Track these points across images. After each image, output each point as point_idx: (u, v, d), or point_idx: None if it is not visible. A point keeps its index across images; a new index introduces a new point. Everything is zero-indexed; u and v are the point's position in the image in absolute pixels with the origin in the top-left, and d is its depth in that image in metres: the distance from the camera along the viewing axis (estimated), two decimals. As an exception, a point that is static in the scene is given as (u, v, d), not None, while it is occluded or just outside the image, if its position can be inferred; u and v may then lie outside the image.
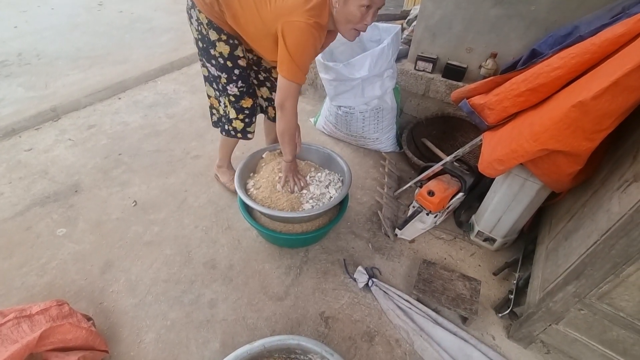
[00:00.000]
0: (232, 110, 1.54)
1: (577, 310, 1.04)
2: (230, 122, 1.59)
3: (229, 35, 1.36)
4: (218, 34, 1.34)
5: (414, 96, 2.26)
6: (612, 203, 0.98)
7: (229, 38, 1.36)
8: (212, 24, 1.32)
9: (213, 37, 1.35)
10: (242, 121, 1.58)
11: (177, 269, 1.53)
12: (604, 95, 0.90)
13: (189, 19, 1.39)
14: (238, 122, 1.58)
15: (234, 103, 1.52)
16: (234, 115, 1.56)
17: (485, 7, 1.79)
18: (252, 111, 1.58)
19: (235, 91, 1.48)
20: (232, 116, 1.56)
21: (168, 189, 1.95)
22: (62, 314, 1.12)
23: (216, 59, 1.41)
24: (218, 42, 1.36)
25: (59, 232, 1.68)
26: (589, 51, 1.01)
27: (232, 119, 1.57)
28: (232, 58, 1.40)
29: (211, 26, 1.32)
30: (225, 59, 1.40)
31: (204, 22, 1.32)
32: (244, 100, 1.52)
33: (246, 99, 1.52)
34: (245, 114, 1.56)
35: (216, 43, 1.36)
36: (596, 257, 0.94)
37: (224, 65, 1.41)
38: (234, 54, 1.40)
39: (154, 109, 2.69)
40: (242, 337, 1.30)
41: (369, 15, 1.17)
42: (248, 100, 1.54)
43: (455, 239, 1.70)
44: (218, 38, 1.35)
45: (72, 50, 3.54)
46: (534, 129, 1.09)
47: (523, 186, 1.36)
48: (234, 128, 1.60)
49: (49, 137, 2.33)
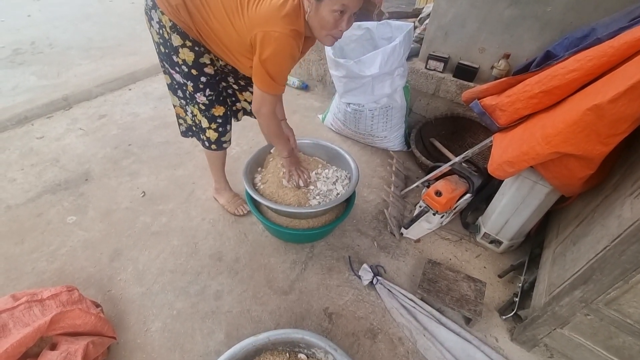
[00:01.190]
0: (204, 120, 1.43)
1: (583, 315, 1.04)
2: (204, 132, 1.48)
3: (195, 42, 1.22)
4: (182, 39, 1.20)
5: (423, 95, 2.25)
6: (624, 209, 0.97)
7: (195, 45, 1.23)
8: (176, 28, 1.17)
9: (176, 43, 1.20)
10: (216, 131, 1.47)
11: (184, 260, 1.55)
12: (621, 99, 0.89)
13: (149, 21, 1.23)
14: (211, 132, 1.47)
15: (204, 112, 1.40)
16: (207, 125, 1.44)
17: (500, 7, 1.77)
18: (225, 119, 1.47)
19: (204, 100, 1.36)
20: (204, 125, 1.45)
21: (176, 181, 1.96)
22: (72, 300, 1.15)
23: (179, 66, 1.27)
24: (182, 48, 1.21)
25: (69, 219, 1.70)
26: (607, 54, 0.99)
27: (205, 129, 1.46)
28: (198, 66, 1.27)
29: (175, 30, 1.18)
30: (190, 67, 1.26)
31: (166, 25, 1.18)
32: (214, 109, 1.41)
33: (217, 107, 1.41)
34: (218, 122, 1.45)
35: (179, 49, 1.22)
36: (605, 262, 0.93)
37: (189, 74, 1.28)
38: (200, 62, 1.27)
39: (164, 100, 2.71)
40: (246, 329, 1.32)
41: (343, 21, 1.09)
42: (219, 108, 1.42)
43: (461, 240, 1.69)
44: (182, 44, 1.21)
45: (84, 40, 3.57)
46: (547, 131, 1.08)
47: (532, 189, 1.35)
48: (208, 139, 1.49)
49: (60, 126, 2.36)
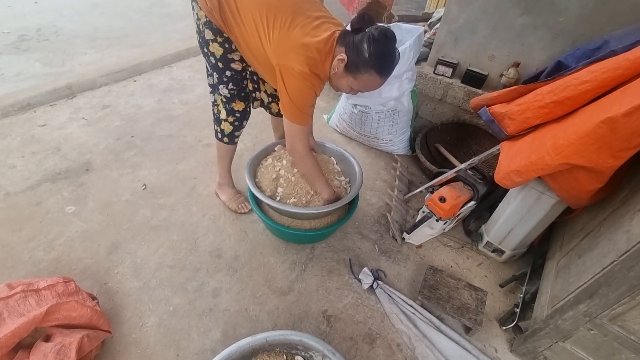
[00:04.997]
0: (224, 111, 1.46)
1: (587, 330, 1.02)
2: (220, 123, 1.50)
3: (227, 39, 1.26)
4: (214, 35, 1.24)
5: (430, 100, 2.23)
6: (632, 224, 0.95)
7: (226, 42, 1.27)
8: (210, 24, 1.22)
9: (208, 37, 1.25)
10: (232, 124, 1.50)
11: (183, 256, 1.53)
12: (635, 113, 0.87)
13: (192, 9, 1.27)
14: (227, 125, 1.49)
15: (225, 104, 1.44)
16: (225, 116, 1.48)
17: (512, 15, 1.75)
18: (243, 115, 1.50)
19: (226, 92, 1.40)
20: (222, 117, 1.48)
21: (178, 175, 1.95)
22: (68, 291, 1.13)
23: (208, 57, 1.32)
24: (212, 42, 1.26)
25: (68, 209, 1.69)
26: (622, 67, 0.98)
27: (222, 120, 1.49)
28: (225, 60, 1.31)
29: (208, 26, 1.22)
30: (217, 60, 1.31)
31: (201, 19, 1.23)
32: (234, 103, 1.44)
33: (237, 101, 1.44)
34: (236, 117, 1.48)
35: (210, 42, 1.26)
36: (612, 277, 0.92)
37: (215, 66, 1.33)
38: (227, 57, 1.30)
39: (168, 94, 2.69)
40: (243, 329, 1.30)
41: (355, 93, 1.24)
42: (239, 104, 1.45)
43: (463, 247, 1.68)
44: (213, 39, 1.25)
45: (90, 30, 3.55)
46: (557, 142, 1.07)
47: (539, 199, 1.34)
48: (222, 130, 1.52)
49: (63, 114, 2.35)
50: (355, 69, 1.12)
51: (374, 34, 1.07)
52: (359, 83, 1.15)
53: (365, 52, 1.08)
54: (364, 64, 1.10)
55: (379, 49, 1.07)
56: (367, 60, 1.08)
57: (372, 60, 1.08)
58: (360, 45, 1.08)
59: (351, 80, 1.15)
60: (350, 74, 1.14)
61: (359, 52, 1.08)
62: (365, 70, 1.11)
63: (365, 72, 1.11)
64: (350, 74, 1.14)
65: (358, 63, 1.10)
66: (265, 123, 2.31)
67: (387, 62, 1.12)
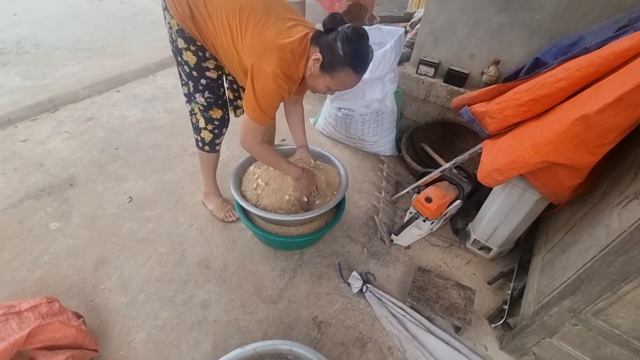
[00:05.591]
0: (202, 119, 1.45)
1: (572, 325, 1.04)
2: (199, 132, 1.49)
3: (200, 48, 1.26)
4: (187, 43, 1.24)
5: (414, 100, 2.25)
6: (612, 219, 0.97)
7: (199, 50, 1.26)
8: (182, 32, 1.21)
9: (181, 45, 1.25)
10: (211, 132, 1.49)
11: (171, 268, 1.51)
12: (608, 110, 0.89)
13: (164, 18, 1.26)
14: (207, 133, 1.49)
15: (203, 112, 1.43)
16: (203, 125, 1.47)
17: (490, 14, 1.77)
18: (221, 123, 1.49)
19: (202, 101, 1.39)
20: (201, 125, 1.47)
21: (164, 186, 1.93)
22: (51, 312, 1.11)
23: (182, 65, 1.32)
24: (185, 50, 1.25)
25: (52, 226, 1.66)
26: (595, 64, 1.00)
27: (202, 128, 1.48)
28: (199, 69, 1.31)
29: (181, 34, 1.22)
30: (191, 68, 1.30)
31: (174, 28, 1.22)
32: (212, 111, 1.43)
33: (214, 109, 1.43)
34: (214, 124, 1.47)
35: (183, 51, 1.26)
36: (594, 273, 0.93)
37: (190, 74, 1.32)
38: (202, 65, 1.30)
39: (153, 103, 2.67)
40: (233, 340, 1.29)
41: (332, 93, 1.24)
42: (217, 111, 1.44)
43: (451, 246, 1.69)
44: (186, 47, 1.25)
45: (72, 41, 3.50)
46: (535, 140, 1.08)
47: (521, 197, 1.35)
48: (202, 139, 1.51)
49: (45, 129, 2.31)
50: (331, 68, 1.12)
51: (347, 33, 1.08)
52: (335, 82, 1.16)
53: (340, 51, 1.08)
54: (339, 62, 1.10)
55: (352, 47, 1.09)
56: (342, 58, 1.09)
57: (347, 58, 1.09)
58: (335, 44, 1.09)
59: (328, 79, 1.16)
60: (326, 73, 1.14)
61: (334, 51, 1.09)
62: (341, 69, 1.11)
63: (341, 70, 1.12)
64: (327, 73, 1.14)
65: (333, 62, 1.11)
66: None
67: (362, 59, 1.13)
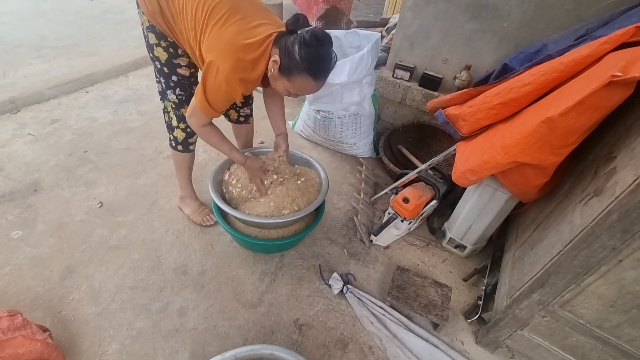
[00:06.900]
0: (175, 118, 1.42)
1: (541, 317, 1.09)
2: (172, 130, 1.46)
3: (172, 44, 1.24)
4: (158, 39, 1.22)
5: (391, 103, 2.29)
6: (574, 215, 1.03)
7: (170, 46, 1.24)
8: (153, 29, 1.20)
9: (152, 41, 1.23)
10: (184, 131, 1.45)
11: (145, 275, 1.46)
12: (570, 113, 0.95)
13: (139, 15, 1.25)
14: (179, 132, 1.45)
15: (175, 110, 1.40)
16: (176, 123, 1.44)
17: (461, 21, 1.84)
18: None
19: (174, 98, 1.36)
20: (174, 124, 1.44)
21: (137, 190, 1.86)
22: (14, 326, 1.04)
23: (154, 61, 1.30)
24: (156, 47, 1.24)
25: (14, 234, 1.56)
26: (557, 70, 1.06)
27: (174, 127, 1.45)
28: (170, 65, 1.29)
29: (152, 30, 1.21)
30: (162, 64, 1.28)
31: (145, 24, 1.21)
32: (184, 109, 1.39)
33: (186, 107, 1.36)
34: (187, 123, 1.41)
35: (154, 47, 1.24)
36: (560, 266, 0.98)
37: (162, 70, 1.30)
38: (173, 62, 1.28)
39: (125, 104, 2.57)
40: (212, 347, 1.26)
41: (294, 96, 1.21)
42: None
43: (428, 245, 1.73)
44: (157, 43, 1.23)
45: (36, 39, 3.32)
46: (505, 142, 1.13)
47: (493, 196, 1.41)
48: (175, 138, 1.47)
49: (6, 131, 2.17)
50: (289, 72, 1.09)
51: (304, 37, 1.05)
52: (294, 86, 1.13)
53: (297, 55, 1.05)
54: (295, 67, 1.07)
55: (309, 53, 1.05)
56: (298, 63, 1.06)
57: (304, 64, 1.06)
58: (292, 48, 1.06)
59: (286, 82, 1.13)
60: (284, 76, 1.12)
61: (291, 55, 1.06)
62: (298, 74, 1.09)
63: (299, 76, 1.09)
64: (285, 77, 1.12)
65: (290, 66, 1.08)
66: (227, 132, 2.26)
67: (320, 66, 1.09)
